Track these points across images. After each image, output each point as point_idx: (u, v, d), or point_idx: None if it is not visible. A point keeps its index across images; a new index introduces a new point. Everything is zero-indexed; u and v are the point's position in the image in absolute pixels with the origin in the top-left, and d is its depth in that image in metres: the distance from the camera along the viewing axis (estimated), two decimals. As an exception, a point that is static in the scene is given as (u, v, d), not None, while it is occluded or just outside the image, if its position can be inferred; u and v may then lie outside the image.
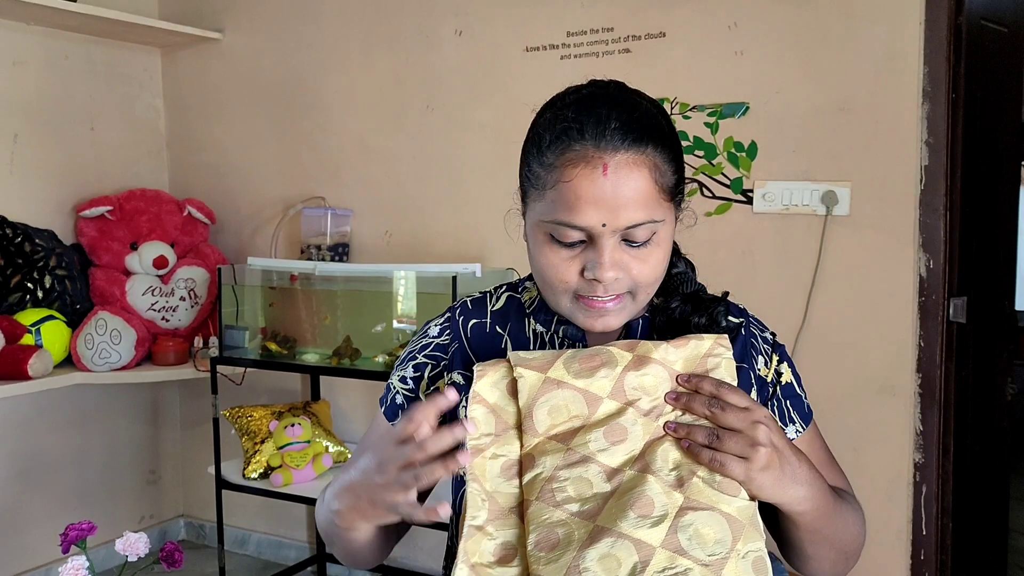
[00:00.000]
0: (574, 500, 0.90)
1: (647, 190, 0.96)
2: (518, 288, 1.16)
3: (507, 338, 1.12)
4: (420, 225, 3.08)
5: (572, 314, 1.03)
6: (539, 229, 1.01)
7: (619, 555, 0.85)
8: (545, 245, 1.00)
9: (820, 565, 1.05)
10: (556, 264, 1.00)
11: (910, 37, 2.35)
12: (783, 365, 1.12)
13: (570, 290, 1.01)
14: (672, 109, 2.65)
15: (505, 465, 0.93)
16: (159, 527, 3.62)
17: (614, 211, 0.95)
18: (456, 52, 2.96)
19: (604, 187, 0.95)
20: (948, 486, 2.43)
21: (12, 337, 2.79)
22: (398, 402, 1.14)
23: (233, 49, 3.43)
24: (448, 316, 1.16)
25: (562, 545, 0.87)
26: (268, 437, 2.94)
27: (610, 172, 0.95)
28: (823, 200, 2.46)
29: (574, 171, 0.95)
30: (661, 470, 0.90)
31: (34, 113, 3.16)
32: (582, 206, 0.95)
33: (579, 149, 0.96)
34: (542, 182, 0.99)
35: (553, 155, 0.98)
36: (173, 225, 3.25)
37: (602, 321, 1.02)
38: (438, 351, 1.14)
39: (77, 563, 1.89)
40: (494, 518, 0.91)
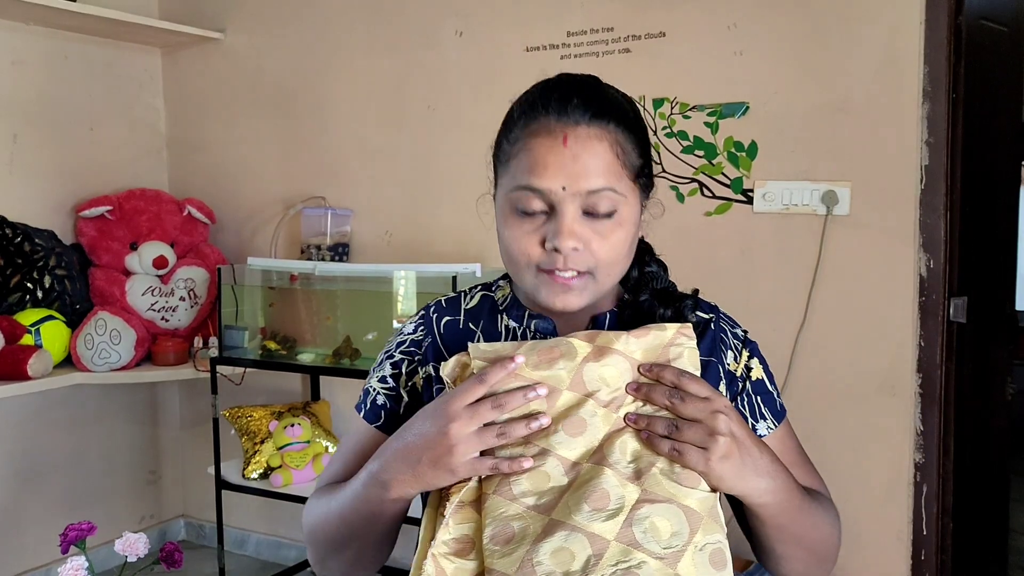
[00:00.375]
0: (531, 494, 0.89)
1: (608, 161, 0.99)
2: (492, 287, 1.18)
3: (479, 334, 1.12)
4: (420, 225, 3.08)
5: (535, 290, 1.03)
6: (505, 204, 1.03)
7: (573, 548, 0.85)
8: (510, 219, 1.03)
9: (791, 566, 1.04)
10: (519, 237, 1.01)
11: (910, 37, 2.35)
12: (753, 360, 1.12)
13: (532, 263, 1.02)
14: (672, 109, 2.65)
15: None
16: (159, 527, 3.62)
17: (574, 176, 0.98)
18: (457, 52, 2.95)
19: (564, 155, 0.98)
20: (948, 486, 2.43)
21: (12, 337, 2.79)
22: (379, 403, 1.13)
23: (234, 49, 3.42)
24: (423, 314, 1.17)
25: (517, 539, 0.87)
26: (268, 437, 2.94)
27: (570, 142, 0.98)
28: (823, 200, 2.46)
29: (536, 140, 1.00)
30: (618, 463, 0.90)
31: (34, 113, 3.16)
32: (542, 170, 0.98)
33: (542, 121, 1.00)
34: (508, 155, 1.03)
35: (519, 129, 1.02)
36: (173, 225, 3.25)
37: (563, 298, 1.01)
38: (413, 347, 1.14)
39: (76, 563, 1.89)
40: (452, 512, 0.91)
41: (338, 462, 1.17)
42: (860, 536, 2.48)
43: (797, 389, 2.52)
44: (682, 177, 2.65)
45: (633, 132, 1.04)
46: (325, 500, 1.10)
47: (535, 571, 0.85)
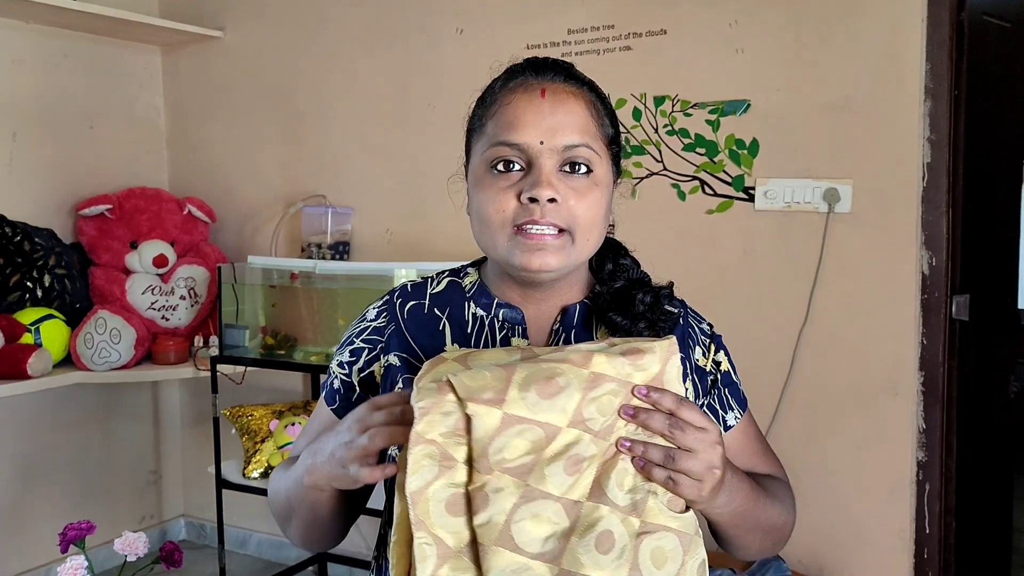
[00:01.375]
0: (535, 540, 0.85)
1: (585, 118, 1.02)
2: (459, 273, 1.17)
3: (445, 321, 1.11)
4: (421, 223, 3.07)
5: (509, 254, 1.01)
6: (480, 166, 1.04)
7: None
8: (485, 178, 1.03)
9: (747, 550, 1.08)
10: (494, 194, 1.01)
11: (912, 33, 2.34)
12: (720, 354, 1.14)
13: (507, 221, 1.00)
14: (673, 107, 2.64)
15: (451, 501, 0.86)
16: (160, 527, 3.62)
17: (552, 130, 0.99)
18: (457, 50, 2.95)
19: (542, 108, 1.00)
20: (951, 485, 2.42)
21: (11, 336, 2.79)
22: (335, 387, 1.14)
23: (234, 47, 3.42)
24: (386, 299, 1.16)
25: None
26: (268, 436, 2.94)
27: (548, 95, 1.01)
28: (825, 197, 2.45)
29: (513, 95, 1.02)
30: (616, 498, 0.87)
31: (33, 112, 3.16)
32: (520, 124, 1.00)
33: (519, 79, 1.04)
34: (483, 117, 1.05)
35: (494, 93, 1.05)
36: (173, 224, 3.24)
37: (540, 257, 0.99)
38: (375, 335, 1.13)
39: (76, 563, 1.88)
40: (444, 562, 0.85)
41: (302, 442, 1.18)
42: (862, 534, 2.47)
43: (799, 387, 2.52)
44: (683, 175, 2.64)
45: (604, 103, 1.07)
46: (281, 475, 1.12)
47: None
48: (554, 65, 1.05)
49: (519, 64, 1.07)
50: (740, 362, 1.20)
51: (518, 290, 1.09)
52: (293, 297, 3.06)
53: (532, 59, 1.07)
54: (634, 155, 2.70)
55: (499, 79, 1.07)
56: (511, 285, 1.09)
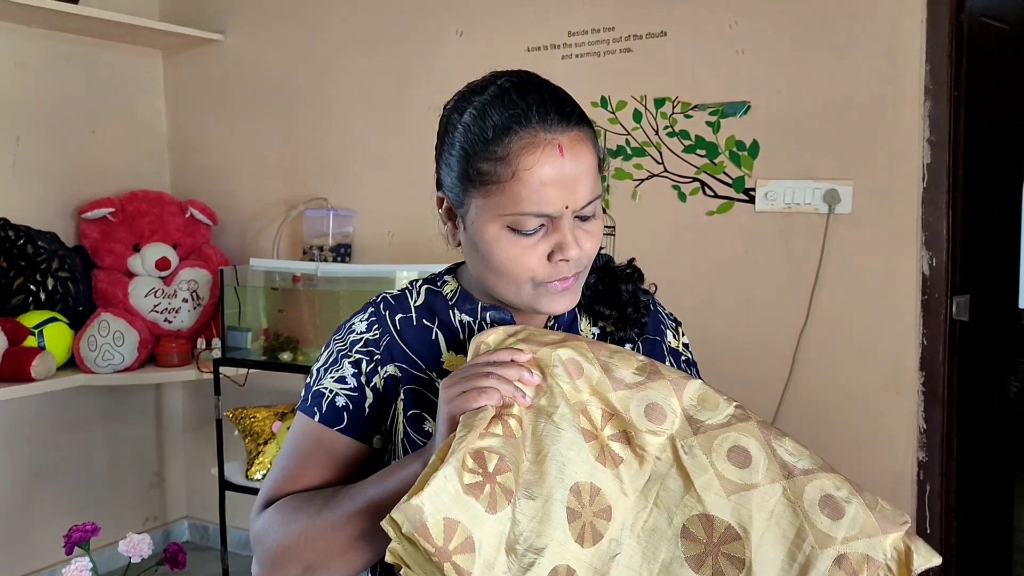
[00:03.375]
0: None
1: (593, 164, 1.02)
2: (436, 283, 1.16)
3: (436, 330, 1.12)
4: (422, 225, 3.06)
5: (534, 301, 1.04)
6: (494, 223, 1.01)
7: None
8: (502, 238, 1.01)
9: None
10: (518, 256, 1.01)
11: (912, 35, 2.34)
12: (685, 337, 1.23)
13: (536, 280, 1.03)
14: (674, 108, 2.65)
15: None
16: (163, 529, 3.62)
17: (573, 191, 0.99)
18: (457, 52, 2.96)
19: (564, 167, 0.98)
20: (952, 484, 2.43)
21: (15, 339, 2.79)
22: (339, 404, 1.09)
23: (235, 51, 3.43)
24: (372, 311, 1.14)
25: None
26: (271, 438, 2.95)
27: (566, 151, 0.98)
28: (825, 199, 2.46)
29: (532, 157, 0.97)
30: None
31: (36, 115, 3.17)
32: (547, 192, 0.98)
33: (530, 135, 0.98)
34: (496, 176, 0.99)
35: (503, 147, 0.98)
36: (175, 227, 3.25)
37: (564, 302, 1.05)
38: (370, 346, 1.11)
39: (80, 564, 1.89)
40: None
41: (291, 468, 1.09)
42: (864, 535, 2.47)
43: (800, 388, 2.52)
44: (684, 176, 2.65)
45: (593, 131, 1.06)
46: (302, 513, 1.01)
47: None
48: (557, 108, 1.00)
49: (517, 105, 0.99)
50: (741, 363, 1.23)
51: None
52: (295, 299, 3.06)
53: (529, 95, 1.01)
54: (635, 157, 2.71)
55: (498, 124, 0.99)
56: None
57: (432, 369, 1.10)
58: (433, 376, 1.09)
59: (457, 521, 0.82)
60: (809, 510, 0.88)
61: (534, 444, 0.91)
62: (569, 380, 0.95)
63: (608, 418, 0.94)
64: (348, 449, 1.10)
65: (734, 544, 0.88)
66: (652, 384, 0.95)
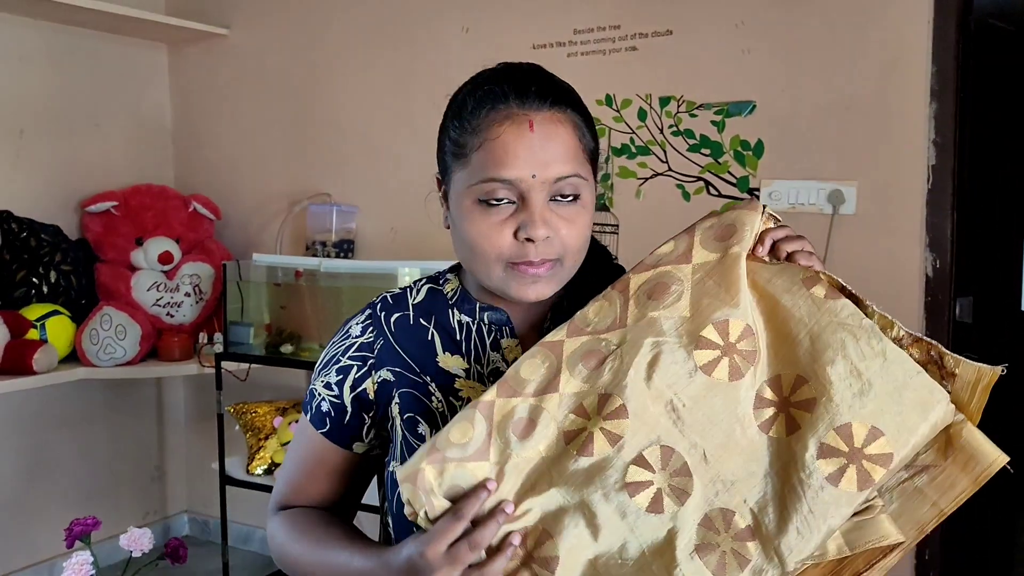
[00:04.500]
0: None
1: (572, 146, 1.00)
2: (439, 281, 1.15)
3: (433, 330, 1.11)
4: (426, 222, 3.05)
5: (504, 285, 1.02)
6: (466, 197, 1.01)
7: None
8: (474, 212, 1.01)
9: None
10: (486, 231, 1.00)
11: (918, 36, 2.34)
12: None
13: (502, 257, 1.01)
14: (679, 107, 2.64)
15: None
16: (163, 523, 3.63)
17: (543, 163, 0.98)
18: (463, 49, 2.95)
19: (532, 141, 0.98)
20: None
21: (17, 332, 2.79)
22: (324, 409, 1.12)
23: (240, 45, 3.43)
24: (369, 313, 1.14)
25: None
26: (272, 433, 2.95)
27: (536, 127, 0.98)
28: (829, 199, 2.45)
29: (500, 128, 0.98)
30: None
31: (40, 108, 3.17)
32: (511, 159, 0.98)
33: (503, 108, 0.99)
34: (467, 147, 1.01)
35: (476, 119, 1.00)
36: (178, 221, 3.25)
37: (535, 289, 1.01)
38: (363, 351, 1.11)
39: (81, 558, 1.89)
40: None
41: (291, 466, 1.16)
42: (864, 536, 2.47)
43: (802, 388, 2.52)
44: (688, 176, 2.65)
45: (585, 115, 1.05)
46: (299, 544, 1.09)
47: None
48: (537, 88, 1.01)
49: (497, 81, 1.02)
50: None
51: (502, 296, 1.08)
52: (298, 295, 3.06)
53: (510, 75, 1.03)
54: (639, 155, 2.70)
55: (477, 99, 1.02)
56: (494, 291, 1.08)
57: (427, 371, 1.09)
58: (427, 379, 1.09)
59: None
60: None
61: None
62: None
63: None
64: (332, 453, 1.13)
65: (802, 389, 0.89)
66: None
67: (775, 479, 0.87)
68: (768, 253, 0.98)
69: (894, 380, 0.87)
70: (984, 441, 0.89)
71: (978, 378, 0.91)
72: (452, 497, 0.90)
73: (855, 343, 0.89)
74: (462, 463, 0.90)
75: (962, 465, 0.88)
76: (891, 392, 0.87)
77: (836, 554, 0.87)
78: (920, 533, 0.88)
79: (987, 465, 0.88)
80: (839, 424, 0.86)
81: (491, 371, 1.08)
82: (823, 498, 0.85)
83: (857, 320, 0.91)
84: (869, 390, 0.87)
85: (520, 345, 1.08)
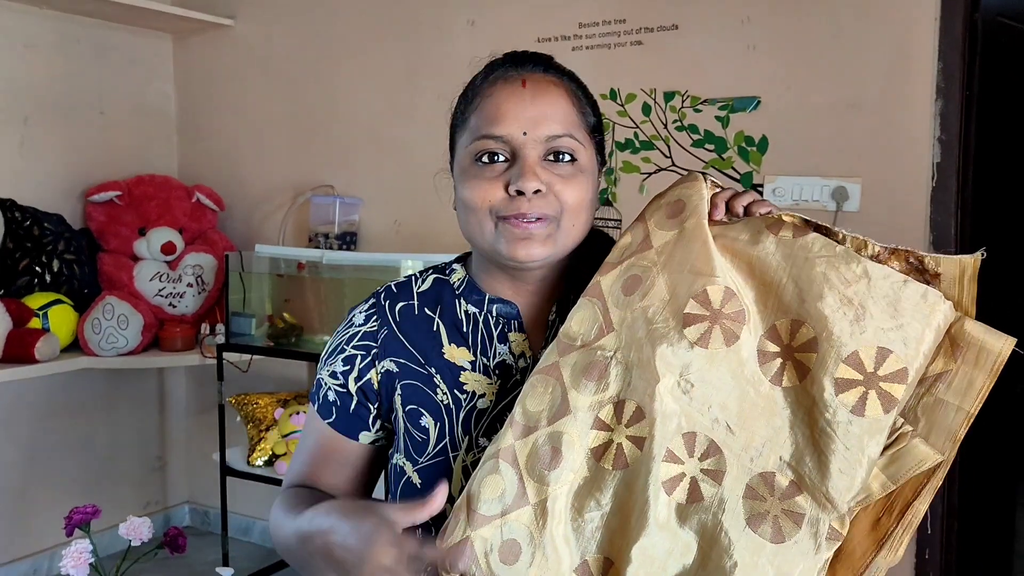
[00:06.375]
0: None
1: (566, 108, 1.02)
2: (445, 271, 1.15)
3: (438, 320, 1.10)
4: (429, 214, 3.07)
5: (496, 242, 1.01)
6: (465, 159, 1.03)
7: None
8: (470, 171, 1.02)
9: None
10: (478, 184, 1.01)
11: (925, 33, 2.33)
12: None
13: (493, 210, 1.00)
14: (683, 102, 2.64)
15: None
16: (164, 513, 3.63)
17: (534, 121, 0.99)
18: (469, 42, 2.94)
19: (524, 98, 1.00)
20: (954, 486, 2.42)
21: (19, 320, 2.80)
22: (330, 399, 1.11)
23: (245, 36, 3.42)
24: (373, 302, 1.14)
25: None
26: (273, 425, 2.95)
27: (529, 85, 1.01)
28: (833, 196, 2.45)
29: (493, 88, 1.02)
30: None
31: (44, 97, 3.17)
32: (502, 116, 1.00)
33: (499, 72, 1.04)
34: (466, 112, 1.05)
35: (475, 88, 1.06)
36: (182, 211, 3.25)
37: (525, 247, 0.99)
38: (367, 340, 1.11)
39: (80, 547, 1.89)
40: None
41: (301, 457, 1.15)
42: (864, 534, 2.47)
43: (804, 386, 2.51)
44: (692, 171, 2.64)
45: (585, 93, 1.07)
46: (284, 515, 1.05)
47: None
48: (534, 57, 1.05)
49: (499, 58, 1.07)
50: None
51: (509, 284, 1.08)
52: (300, 286, 3.06)
53: (511, 53, 1.07)
54: (643, 150, 2.70)
55: (479, 74, 1.07)
56: (501, 280, 1.08)
57: (431, 363, 1.08)
58: (432, 371, 1.08)
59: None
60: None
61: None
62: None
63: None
64: (340, 443, 1.12)
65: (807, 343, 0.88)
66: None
67: (802, 427, 0.86)
68: (726, 214, 0.99)
69: (885, 296, 0.87)
70: (987, 331, 0.88)
71: (962, 270, 0.90)
72: (507, 557, 0.88)
73: (836, 272, 0.89)
74: (506, 516, 0.89)
75: (973, 362, 0.87)
76: (885, 309, 0.87)
77: (881, 492, 0.86)
78: (955, 443, 0.87)
79: (997, 354, 0.87)
80: (846, 355, 0.85)
81: (497, 364, 1.07)
82: (854, 431, 0.84)
83: (831, 249, 0.91)
84: (864, 314, 0.86)
85: (527, 340, 1.07)
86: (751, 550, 0.83)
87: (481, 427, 1.04)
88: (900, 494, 0.87)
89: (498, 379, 1.06)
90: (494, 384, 1.06)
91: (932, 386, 0.88)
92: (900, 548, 0.87)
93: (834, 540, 0.84)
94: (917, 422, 0.88)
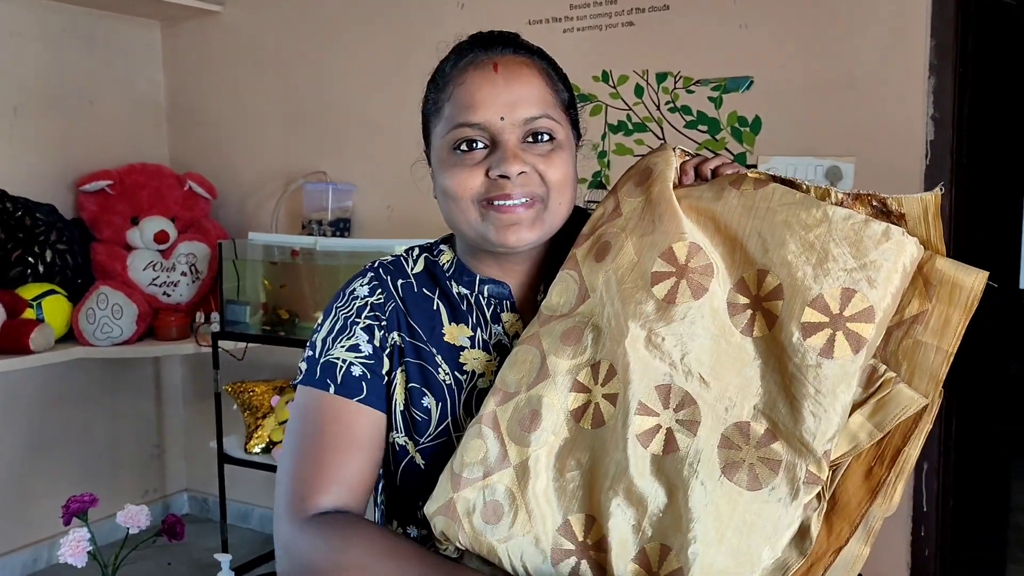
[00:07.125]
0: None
1: (540, 88, 1.01)
2: (433, 251, 1.15)
3: (437, 300, 1.10)
4: (422, 200, 3.05)
5: (484, 230, 1.01)
6: (442, 149, 1.03)
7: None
8: (448, 160, 1.02)
9: None
10: (460, 173, 1.00)
11: (917, 10, 2.32)
12: None
13: (477, 196, 1.00)
14: (675, 83, 2.63)
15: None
16: (162, 501, 3.64)
17: (510, 105, 0.99)
18: (459, 25, 2.90)
19: (497, 83, 0.99)
20: (949, 463, 2.43)
21: (13, 311, 2.79)
22: (356, 374, 1.03)
23: (234, 22, 3.40)
24: (372, 275, 1.11)
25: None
26: (270, 412, 2.95)
27: (500, 69, 1.00)
28: (827, 175, 2.44)
29: (465, 75, 1.01)
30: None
31: (33, 86, 3.14)
32: (478, 103, 0.99)
33: (468, 57, 1.02)
34: (439, 101, 1.04)
35: (445, 75, 1.04)
36: (174, 200, 3.24)
37: (514, 232, 0.99)
38: (376, 311, 1.08)
39: (78, 535, 1.89)
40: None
41: (311, 459, 0.99)
42: (860, 512, 2.48)
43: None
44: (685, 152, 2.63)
45: (556, 70, 1.06)
46: (376, 559, 0.91)
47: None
48: (501, 37, 1.04)
49: (466, 41, 1.06)
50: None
51: (496, 264, 1.08)
52: (294, 274, 3.05)
53: (478, 34, 1.06)
54: (636, 132, 2.69)
55: (448, 59, 1.06)
56: (489, 261, 1.08)
57: (433, 341, 1.08)
58: (434, 351, 1.07)
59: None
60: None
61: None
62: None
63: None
64: (370, 421, 1.04)
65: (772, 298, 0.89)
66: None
67: (773, 375, 0.87)
68: (695, 180, 1.01)
69: (846, 238, 0.87)
70: (958, 267, 0.89)
71: (924, 208, 0.93)
72: (489, 517, 0.89)
73: (796, 218, 0.89)
74: (488, 479, 0.90)
75: (947, 299, 0.88)
76: (848, 250, 0.87)
77: (869, 440, 0.87)
78: (937, 385, 0.88)
79: (970, 289, 0.88)
80: (811, 299, 0.86)
81: (494, 344, 1.07)
82: (824, 374, 0.84)
83: (790, 197, 0.91)
84: (827, 256, 0.87)
85: (520, 320, 1.07)
86: (727, 498, 0.84)
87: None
88: (890, 442, 0.88)
89: (496, 357, 1.06)
90: (493, 362, 1.06)
91: (910, 328, 0.89)
92: (895, 495, 0.87)
93: (812, 484, 0.83)
94: (899, 367, 0.88)
